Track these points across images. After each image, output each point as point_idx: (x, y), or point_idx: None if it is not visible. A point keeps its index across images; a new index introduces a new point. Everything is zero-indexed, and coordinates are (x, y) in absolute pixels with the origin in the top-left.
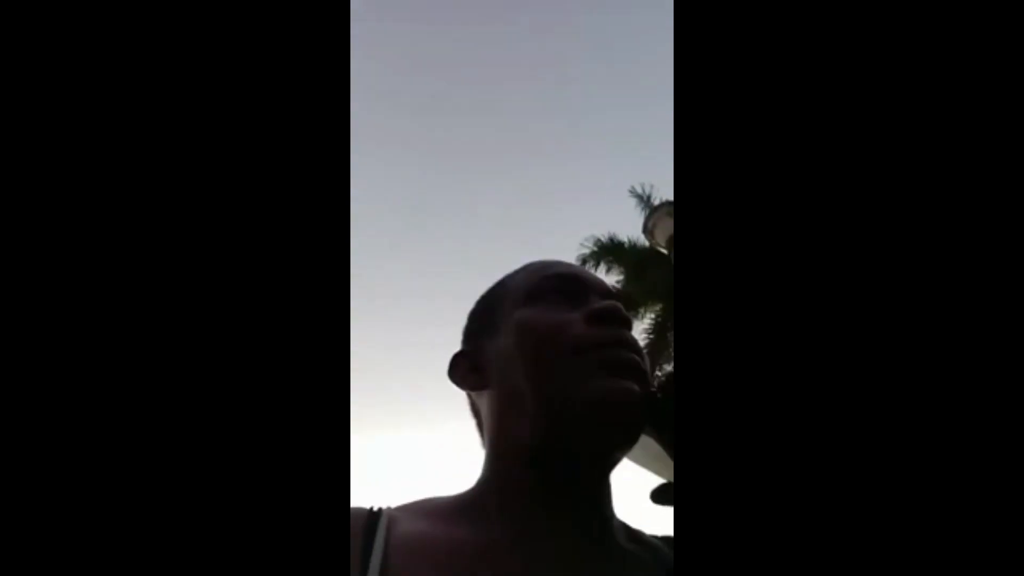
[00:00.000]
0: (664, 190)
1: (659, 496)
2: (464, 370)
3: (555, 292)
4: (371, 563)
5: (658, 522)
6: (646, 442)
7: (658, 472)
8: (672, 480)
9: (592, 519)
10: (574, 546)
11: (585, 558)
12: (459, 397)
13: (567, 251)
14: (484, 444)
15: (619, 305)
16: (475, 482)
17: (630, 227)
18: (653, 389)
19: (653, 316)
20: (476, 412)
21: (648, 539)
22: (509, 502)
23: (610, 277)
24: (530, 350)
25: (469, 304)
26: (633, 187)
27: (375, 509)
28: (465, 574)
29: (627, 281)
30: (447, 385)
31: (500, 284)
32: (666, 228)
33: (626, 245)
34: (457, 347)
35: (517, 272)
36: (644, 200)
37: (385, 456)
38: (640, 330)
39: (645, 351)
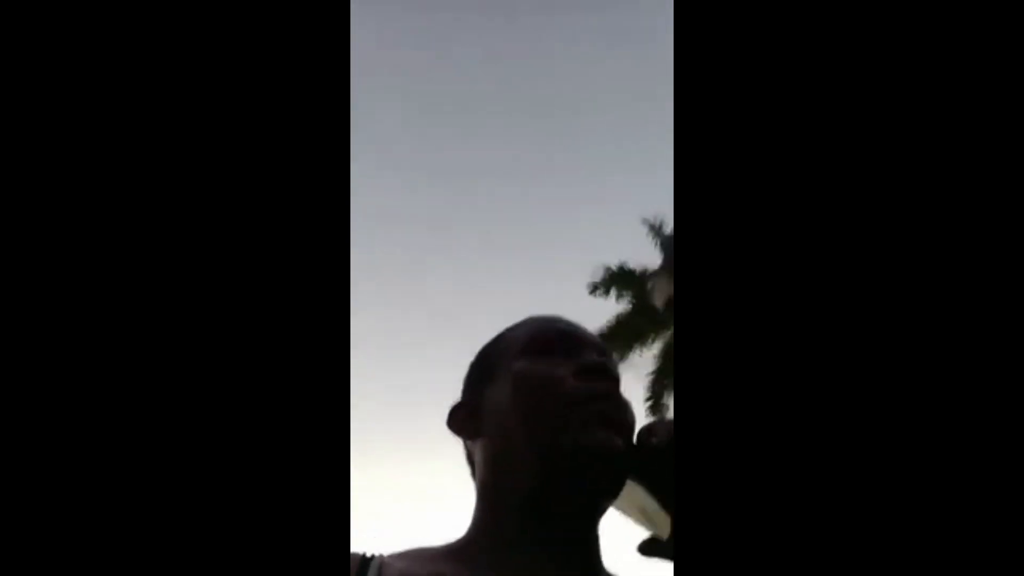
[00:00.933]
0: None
1: (646, 549)
2: (461, 419)
3: (551, 347)
4: None
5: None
6: (638, 494)
7: (646, 526)
8: (659, 535)
9: (580, 570)
10: None
11: None
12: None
13: (577, 277)
14: (476, 491)
15: (608, 362)
16: (466, 529)
17: (643, 254)
18: (641, 442)
19: (662, 343)
20: (471, 460)
21: None
22: (498, 549)
23: (620, 305)
24: (524, 400)
25: (472, 337)
26: (645, 217)
27: (368, 555)
28: None
29: (636, 308)
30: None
31: (500, 337)
32: (664, 291)
33: (636, 273)
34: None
35: (517, 326)
36: (655, 229)
37: (383, 498)
38: (650, 355)
39: (652, 375)
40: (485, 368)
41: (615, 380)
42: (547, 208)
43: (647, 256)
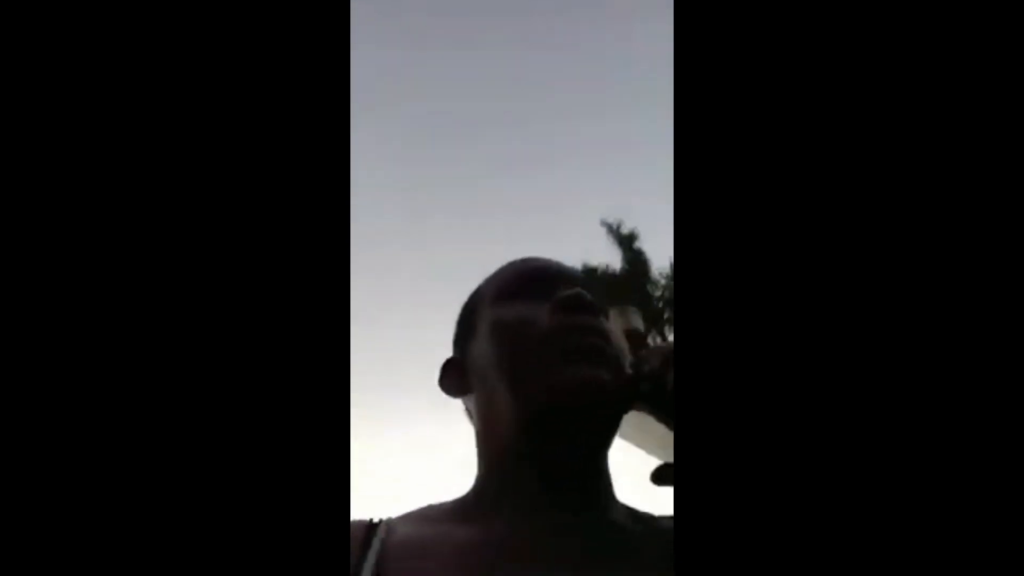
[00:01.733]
0: (635, 218)
1: (659, 477)
2: (451, 377)
3: (525, 289)
4: (364, 566)
5: (661, 503)
6: (645, 423)
7: (656, 453)
8: (670, 461)
9: (590, 505)
10: (575, 534)
11: (588, 544)
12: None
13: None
14: (476, 446)
15: (581, 292)
16: (471, 485)
17: (610, 255)
18: (631, 370)
19: None
20: (470, 416)
21: (654, 519)
22: (504, 499)
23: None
24: (500, 348)
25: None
26: (603, 218)
27: (374, 521)
28: (465, 571)
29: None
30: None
31: (478, 288)
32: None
33: (598, 272)
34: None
35: (493, 274)
36: (613, 230)
37: (385, 462)
38: None
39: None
40: (466, 322)
41: (593, 310)
42: (547, 208)
43: (612, 256)
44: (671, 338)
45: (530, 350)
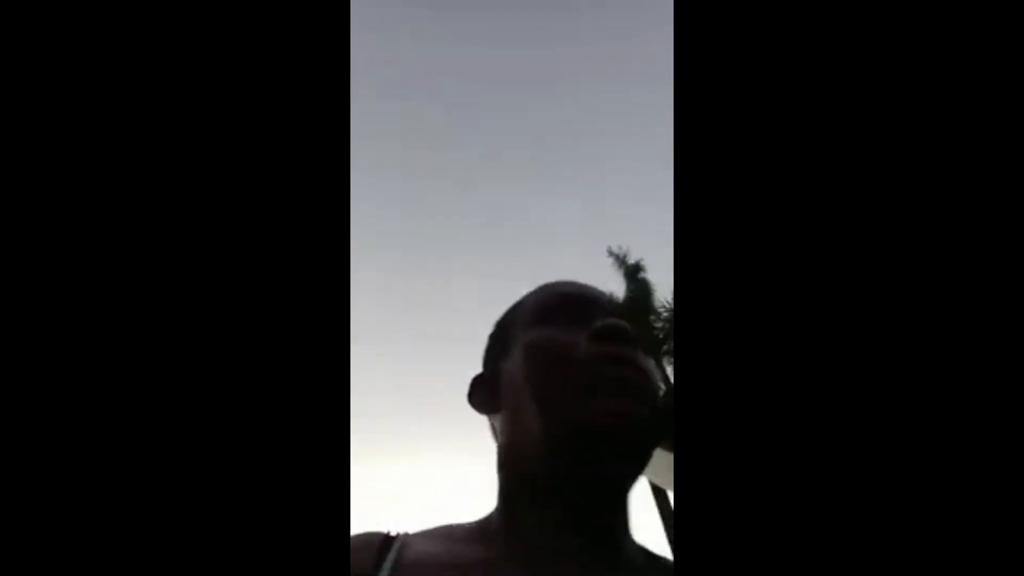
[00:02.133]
0: (642, 248)
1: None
2: (481, 394)
3: (563, 312)
4: None
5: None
6: (668, 462)
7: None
8: None
9: (606, 543)
10: (591, 561)
11: (603, 572)
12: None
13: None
14: (498, 467)
15: (621, 323)
16: (492, 507)
17: (613, 283)
18: (663, 407)
19: None
20: (495, 435)
21: (666, 562)
22: (521, 525)
23: None
24: (534, 371)
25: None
26: (609, 246)
27: (391, 534)
28: None
29: None
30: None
31: (514, 306)
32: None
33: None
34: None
35: (531, 293)
36: (619, 260)
37: (407, 482)
38: None
39: None
40: (500, 340)
41: (632, 342)
42: (546, 207)
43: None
44: (670, 370)
45: (565, 375)
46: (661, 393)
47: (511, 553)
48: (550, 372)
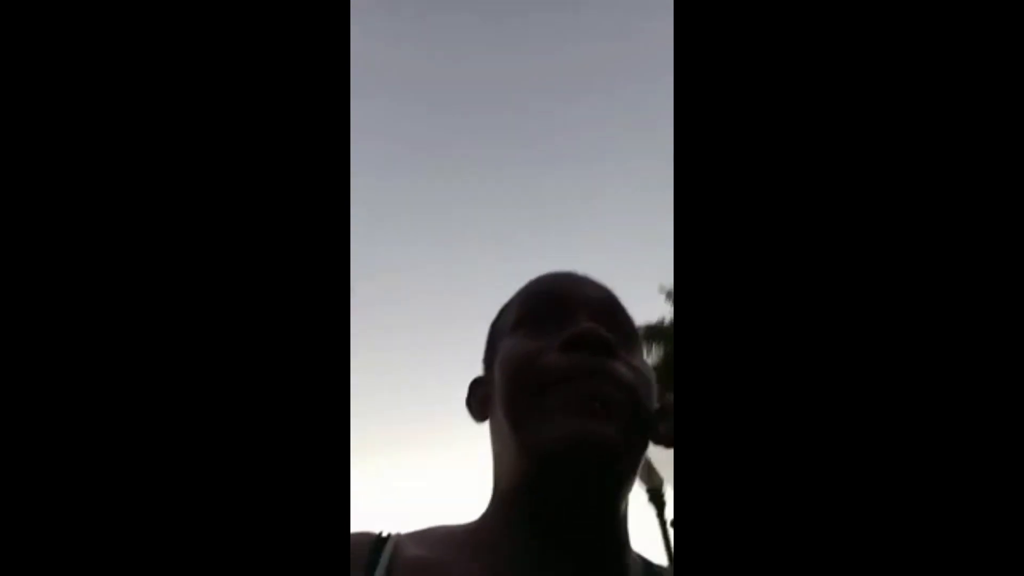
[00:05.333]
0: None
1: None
2: (474, 399)
3: (541, 315)
4: None
5: None
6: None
7: None
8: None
9: (594, 560)
10: None
11: None
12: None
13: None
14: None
15: (595, 329)
16: (484, 511)
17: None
18: (646, 416)
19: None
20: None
21: (667, 573)
22: (508, 534)
23: None
24: (503, 385)
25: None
26: (662, 284)
27: (383, 535)
28: None
29: None
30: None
31: (505, 305)
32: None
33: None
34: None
35: (521, 289)
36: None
37: (401, 481)
38: None
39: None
40: (491, 343)
41: (606, 349)
42: (545, 207)
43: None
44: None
45: (531, 391)
46: (645, 401)
47: (502, 565)
48: (517, 387)
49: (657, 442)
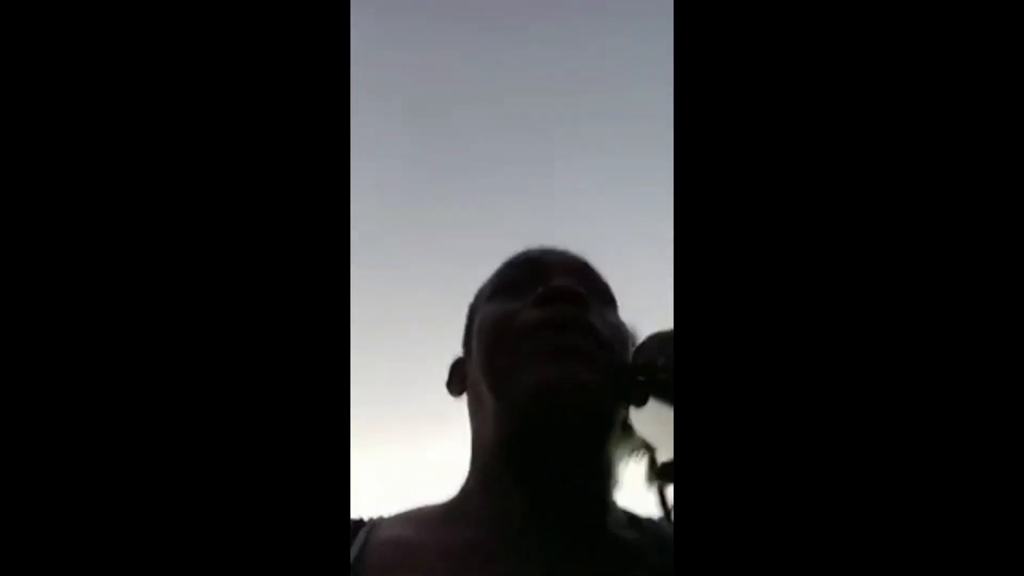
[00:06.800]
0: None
1: (662, 475)
2: (453, 377)
3: (515, 281)
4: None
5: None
6: (660, 416)
7: (654, 452)
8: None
9: (581, 511)
10: (561, 542)
11: (575, 553)
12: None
13: None
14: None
15: (567, 285)
16: (459, 487)
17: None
18: (620, 367)
19: None
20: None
21: (653, 523)
22: (490, 503)
23: None
24: (480, 345)
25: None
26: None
27: (361, 520)
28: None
29: None
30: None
31: (480, 289)
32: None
33: None
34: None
35: (499, 266)
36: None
37: (390, 470)
38: None
39: None
40: (469, 319)
41: (577, 302)
42: (546, 207)
43: None
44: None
45: (508, 346)
46: (619, 352)
47: (487, 534)
48: (494, 345)
49: (629, 400)
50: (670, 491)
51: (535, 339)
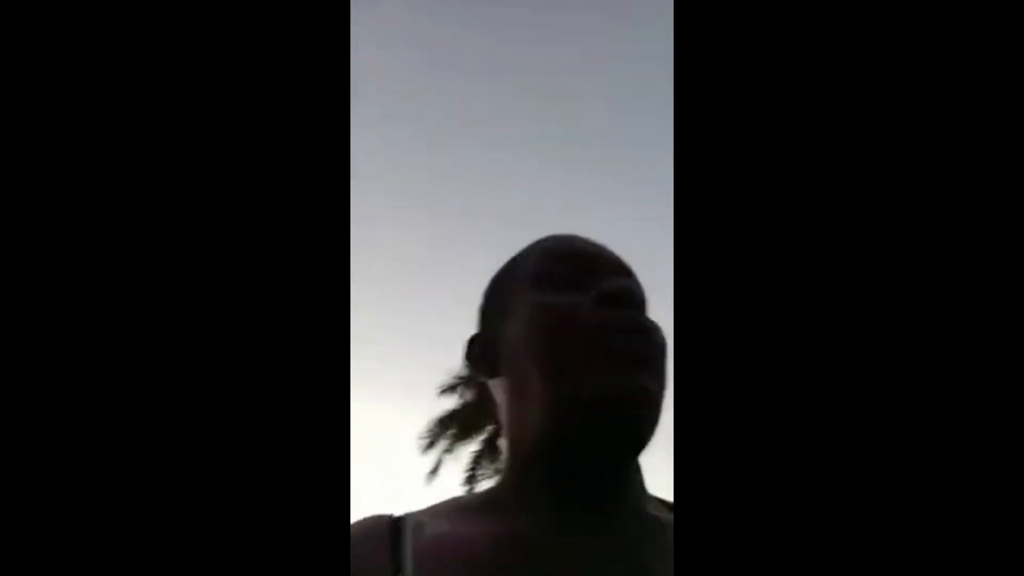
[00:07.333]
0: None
1: None
2: (478, 355)
3: (565, 273)
4: (404, 566)
5: None
6: None
7: None
8: None
9: (619, 502)
10: (601, 533)
11: (614, 545)
12: None
13: None
14: (504, 434)
15: (628, 285)
16: (500, 475)
17: None
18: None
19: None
20: (489, 398)
21: None
22: (530, 494)
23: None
24: (537, 338)
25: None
26: None
27: (397, 516)
28: (495, 569)
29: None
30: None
31: (511, 264)
32: None
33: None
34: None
35: (528, 251)
36: None
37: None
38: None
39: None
40: (498, 300)
41: (640, 306)
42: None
43: None
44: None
45: (570, 344)
46: (667, 359)
47: (528, 526)
48: (554, 340)
49: None
50: None
51: (601, 340)
